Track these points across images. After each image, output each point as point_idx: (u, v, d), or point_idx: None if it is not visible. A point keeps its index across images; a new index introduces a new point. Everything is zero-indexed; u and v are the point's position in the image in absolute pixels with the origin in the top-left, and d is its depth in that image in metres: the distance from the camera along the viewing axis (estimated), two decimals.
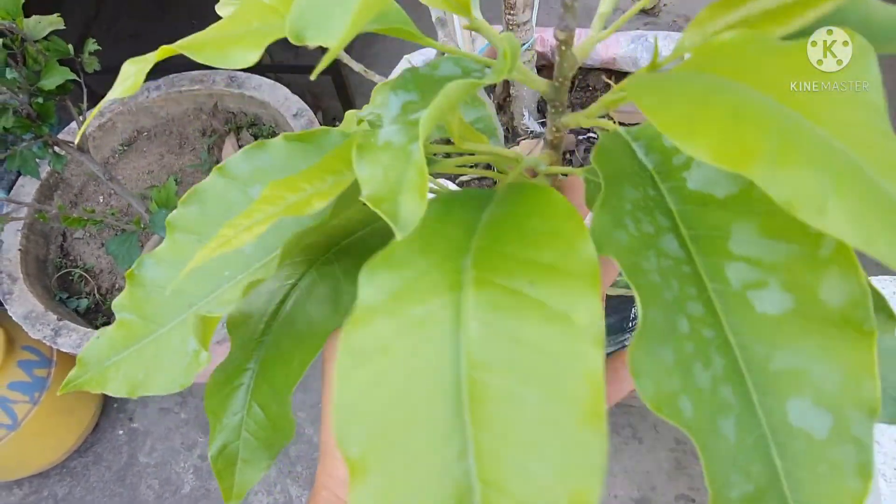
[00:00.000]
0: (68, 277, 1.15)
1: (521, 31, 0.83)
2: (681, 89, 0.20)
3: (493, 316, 0.20)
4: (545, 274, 0.20)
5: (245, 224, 0.23)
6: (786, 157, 0.17)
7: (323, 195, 0.24)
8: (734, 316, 0.22)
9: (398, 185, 0.21)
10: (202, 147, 1.24)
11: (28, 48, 0.86)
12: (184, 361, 0.30)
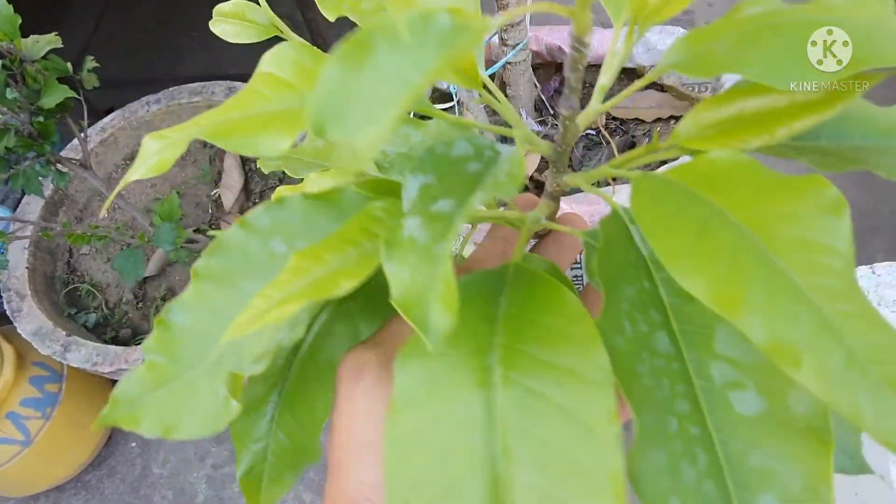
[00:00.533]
0: (76, 293, 1.16)
1: (515, 31, 0.83)
2: (681, 221, 0.22)
3: (523, 419, 0.23)
4: (565, 378, 0.23)
5: (276, 296, 0.25)
6: (769, 309, 0.19)
7: (349, 274, 0.25)
8: (717, 414, 0.25)
9: (426, 292, 0.23)
10: (204, 159, 1.24)
11: (27, 68, 0.87)
12: (215, 407, 0.31)
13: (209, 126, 0.27)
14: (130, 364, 0.97)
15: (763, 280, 0.19)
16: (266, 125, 0.27)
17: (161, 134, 0.28)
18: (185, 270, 1.16)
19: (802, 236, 0.21)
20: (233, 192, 1.19)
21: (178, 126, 0.28)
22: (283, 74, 0.30)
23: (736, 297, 0.19)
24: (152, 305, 1.12)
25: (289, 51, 0.30)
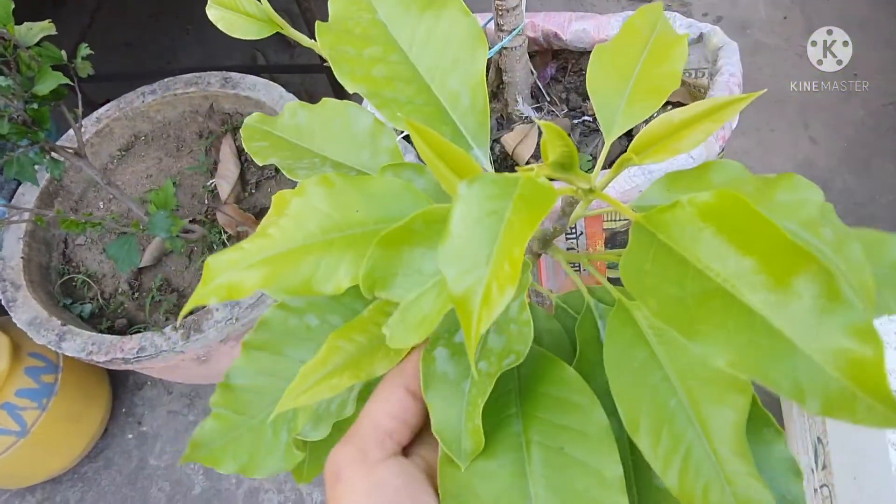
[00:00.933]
0: (71, 283, 1.15)
1: (511, 17, 0.83)
2: (629, 362, 0.32)
3: (549, 470, 0.31)
4: (576, 436, 0.31)
5: (320, 371, 0.31)
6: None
7: (387, 357, 0.32)
8: (642, 483, 0.34)
9: (458, 426, 0.31)
10: (200, 149, 1.24)
11: (21, 54, 0.86)
12: (280, 450, 0.38)
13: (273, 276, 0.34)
14: (126, 353, 0.97)
15: (686, 445, 0.30)
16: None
17: (232, 254, 0.33)
18: (180, 261, 1.16)
19: (714, 413, 0.30)
20: (229, 182, 1.18)
21: (232, 253, 0.33)
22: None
23: (667, 457, 0.30)
24: (148, 296, 1.12)
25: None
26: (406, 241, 0.30)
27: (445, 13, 0.42)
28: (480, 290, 0.23)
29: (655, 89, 0.38)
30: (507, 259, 0.22)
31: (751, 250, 0.24)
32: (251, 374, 0.40)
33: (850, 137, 1.42)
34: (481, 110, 0.39)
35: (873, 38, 1.54)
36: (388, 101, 0.40)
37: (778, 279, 0.23)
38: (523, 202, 0.24)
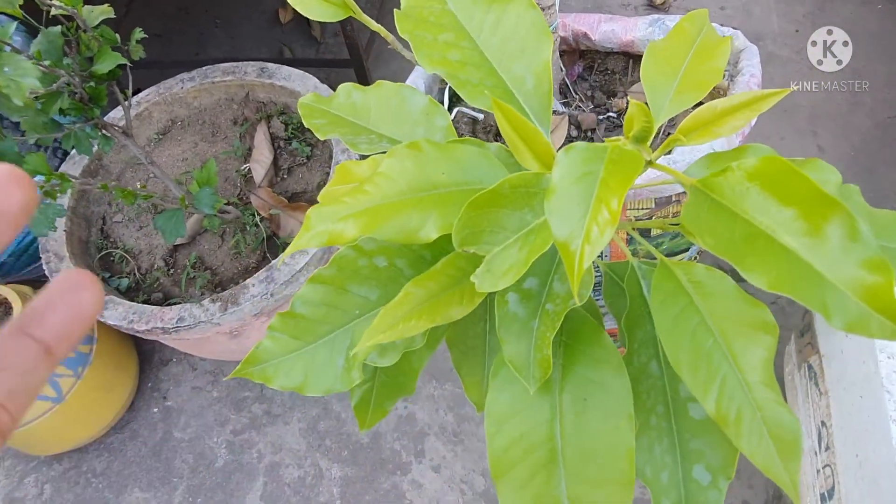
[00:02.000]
0: (109, 258, 1.20)
1: (546, 15, 0.88)
2: (681, 321, 0.37)
3: (574, 413, 0.39)
4: (602, 390, 0.39)
5: (399, 314, 0.37)
6: (720, 393, 0.36)
7: (458, 303, 0.39)
8: (678, 415, 0.41)
9: (528, 356, 0.38)
10: (234, 135, 1.29)
11: (82, 35, 0.91)
12: (335, 373, 0.43)
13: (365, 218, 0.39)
14: (166, 322, 1.02)
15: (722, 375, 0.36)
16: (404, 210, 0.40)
17: (328, 208, 0.39)
18: (213, 240, 1.21)
19: (746, 350, 0.36)
20: (263, 167, 1.23)
21: (330, 206, 0.39)
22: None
23: (705, 386, 0.36)
24: (183, 272, 1.17)
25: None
26: (493, 204, 0.35)
27: (512, 6, 0.47)
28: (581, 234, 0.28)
29: (700, 83, 0.43)
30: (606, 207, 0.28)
31: (790, 202, 0.29)
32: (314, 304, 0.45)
33: (857, 146, 1.47)
34: (545, 93, 0.44)
35: (882, 50, 1.59)
36: (463, 83, 0.45)
37: (813, 225, 0.28)
38: (614, 165, 0.29)
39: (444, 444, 1.23)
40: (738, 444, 0.36)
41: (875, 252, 0.26)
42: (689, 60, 0.44)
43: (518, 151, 0.40)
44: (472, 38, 0.47)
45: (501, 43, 0.46)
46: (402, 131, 0.56)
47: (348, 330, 0.44)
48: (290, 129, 1.28)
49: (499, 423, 0.39)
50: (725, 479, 0.40)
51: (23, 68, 0.61)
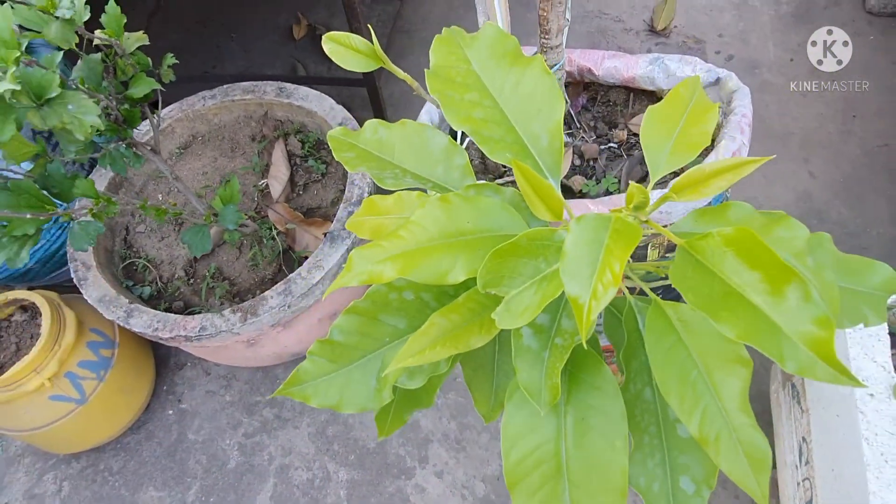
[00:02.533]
0: (132, 267, 1.26)
1: (554, 53, 0.94)
2: (671, 357, 0.44)
3: (577, 434, 0.46)
4: (601, 414, 0.46)
5: (425, 341, 0.44)
6: (703, 417, 0.43)
7: (478, 333, 0.46)
8: (668, 434, 0.49)
9: (539, 383, 0.45)
10: (253, 151, 1.35)
11: (119, 61, 0.98)
12: (368, 393, 0.51)
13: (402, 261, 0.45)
14: (189, 331, 1.08)
15: (704, 402, 0.42)
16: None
17: (369, 251, 0.45)
18: (231, 252, 1.27)
19: (724, 381, 0.42)
20: (280, 183, 1.30)
21: (376, 249, 0.45)
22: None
23: (690, 411, 0.42)
24: (203, 282, 1.23)
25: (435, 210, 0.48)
26: (513, 254, 0.41)
27: (530, 71, 0.53)
28: (589, 292, 0.34)
29: (692, 144, 0.50)
30: (610, 270, 0.34)
31: (757, 268, 0.35)
32: (349, 332, 0.52)
33: (847, 173, 1.54)
34: (557, 150, 0.51)
35: (872, 81, 1.66)
36: (486, 139, 0.51)
37: (775, 287, 0.35)
38: (617, 234, 0.36)
39: (447, 450, 1.29)
40: (717, 461, 0.42)
41: (823, 311, 0.32)
42: (682, 124, 0.50)
43: (532, 203, 0.46)
44: (493, 97, 0.54)
45: (520, 103, 0.53)
46: (424, 168, 0.62)
47: (380, 355, 0.51)
48: (306, 146, 1.34)
49: (513, 440, 0.46)
50: (708, 489, 0.46)
51: (85, 106, 0.67)
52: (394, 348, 0.51)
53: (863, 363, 0.81)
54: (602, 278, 0.34)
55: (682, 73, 0.99)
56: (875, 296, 0.51)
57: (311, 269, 1.11)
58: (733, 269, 0.35)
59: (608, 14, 1.91)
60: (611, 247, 0.35)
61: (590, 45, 1.86)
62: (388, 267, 0.44)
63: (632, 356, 0.48)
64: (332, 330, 0.52)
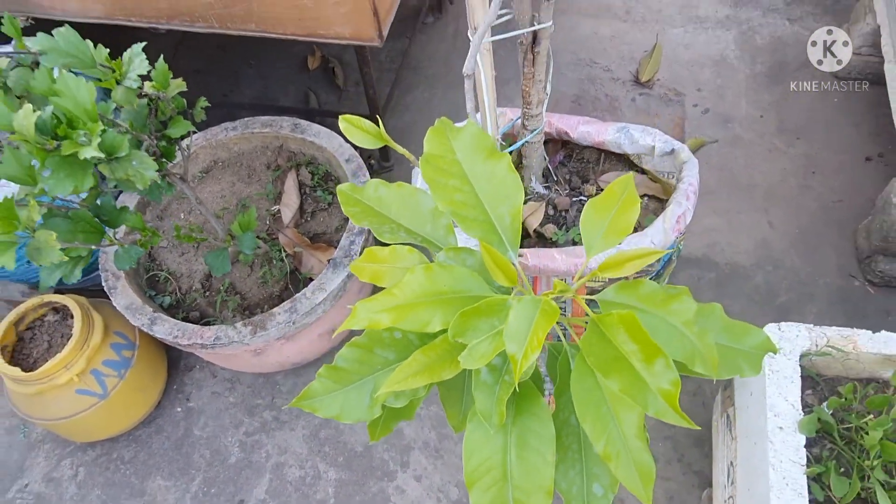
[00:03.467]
0: (155, 279, 1.41)
1: (534, 120, 1.11)
2: (591, 395, 0.59)
3: (518, 448, 0.63)
4: (536, 435, 0.63)
5: (408, 372, 0.59)
6: (608, 442, 0.60)
7: (448, 369, 0.60)
8: (586, 451, 0.65)
9: (492, 409, 0.60)
10: (268, 179, 1.51)
11: (161, 104, 1.13)
12: (363, 408, 0.66)
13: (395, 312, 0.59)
14: (205, 340, 1.23)
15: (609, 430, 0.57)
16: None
17: (369, 304, 0.59)
18: (244, 269, 1.42)
19: (625, 415, 0.57)
20: (291, 210, 1.45)
21: (375, 302, 0.59)
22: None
23: (599, 435, 0.56)
24: (217, 295, 1.38)
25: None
26: (476, 314, 0.56)
27: (500, 164, 0.69)
28: (522, 352, 0.50)
29: (620, 231, 0.65)
30: (536, 338, 0.49)
31: (637, 343, 0.51)
32: (350, 360, 0.67)
33: (803, 226, 1.70)
34: (517, 229, 0.66)
35: (833, 141, 1.83)
36: (463, 218, 0.67)
37: (647, 357, 0.50)
38: (543, 313, 0.51)
39: (427, 457, 1.44)
40: (617, 473, 0.57)
41: (675, 375, 0.48)
42: (612, 215, 0.66)
43: (494, 273, 0.62)
44: (471, 184, 0.69)
45: (491, 190, 0.68)
46: (416, 225, 0.78)
47: (373, 379, 0.66)
48: (315, 178, 1.50)
49: (471, 451, 0.61)
50: (612, 493, 0.61)
51: (146, 163, 0.82)
52: (385, 374, 0.66)
53: (776, 400, 0.96)
54: (532, 343, 0.49)
55: (644, 141, 1.15)
56: (752, 354, 0.66)
57: (315, 291, 1.27)
58: (622, 340, 0.51)
59: (598, 63, 2.08)
60: (538, 321, 0.51)
61: (579, 90, 2.03)
62: (384, 316, 0.59)
63: (562, 391, 0.63)
64: (336, 358, 0.67)
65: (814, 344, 1.02)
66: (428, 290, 0.60)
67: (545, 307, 0.52)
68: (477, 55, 0.91)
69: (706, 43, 2.08)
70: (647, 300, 0.60)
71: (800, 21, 2.10)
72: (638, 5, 2.21)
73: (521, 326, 0.51)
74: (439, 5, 2.22)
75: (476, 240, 0.66)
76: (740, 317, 1.57)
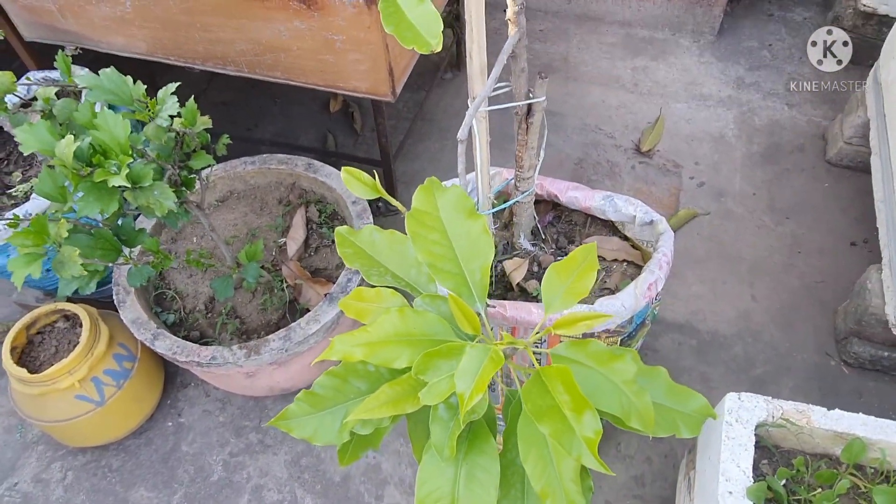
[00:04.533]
0: (162, 296, 1.50)
1: (526, 183, 1.19)
2: (534, 435, 0.66)
3: (467, 480, 0.70)
4: (483, 471, 0.71)
5: (375, 403, 0.66)
6: (544, 479, 0.67)
7: (410, 403, 0.67)
8: (527, 489, 0.72)
9: (444, 443, 0.67)
10: (278, 213, 1.61)
11: (186, 138, 1.24)
12: (334, 432, 0.73)
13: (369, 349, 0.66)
14: (202, 358, 1.30)
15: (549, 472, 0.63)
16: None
17: (346, 338, 0.67)
18: (246, 295, 1.50)
19: (563, 461, 0.64)
20: (296, 243, 1.54)
21: (351, 337, 0.67)
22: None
23: (539, 476, 0.63)
24: (219, 317, 1.46)
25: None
26: (437, 356, 0.64)
27: (476, 225, 0.77)
28: (469, 392, 0.57)
29: (577, 293, 0.73)
30: (482, 381, 0.57)
31: (569, 394, 0.58)
32: (326, 387, 0.75)
33: (784, 301, 1.76)
34: (485, 284, 0.74)
35: (820, 223, 1.90)
36: (439, 270, 0.75)
37: (576, 408, 0.57)
38: (490, 360, 0.59)
39: (401, 493, 1.49)
40: None
41: (598, 426, 0.55)
42: (572, 280, 0.74)
43: (460, 321, 0.69)
44: (450, 240, 0.77)
45: (467, 247, 0.77)
46: (402, 270, 0.86)
47: (345, 406, 0.73)
48: (323, 215, 1.59)
49: (424, 480, 0.68)
50: None
51: (166, 194, 0.92)
52: (356, 403, 0.73)
53: (729, 465, 1.02)
54: (478, 385, 0.57)
55: (627, 210, 1.23)
56: (692, 416, 0.73)
57: (310, 322, 1.34)
58: (558, 391, 0.58)
59: (603, 130, 2.19)
60: (486, 367, 0.58)
61: (583, 154, 2.13)
62: (358, 350, 0.67)
63: (511, 433, 0.70)
64: (314, 384, 0.75)
65: (770, 415, 1.08)
66: (400, 331, 0.68)
67: (493, 355, 0.60)
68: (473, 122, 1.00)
69: (707, 119, 2.19)
70: (594, 358, 0.67)
71: (798, 107, 2.20)
72: (646, 79, 2.33)
73: (471, 369, 0.58)
74: (458, 63, 2.36)
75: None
76: (717, 384, 1.63)
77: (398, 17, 0.57)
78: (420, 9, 0.58)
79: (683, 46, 2.42)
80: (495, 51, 0.92)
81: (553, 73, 2.36)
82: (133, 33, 1.50)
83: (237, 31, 1.40)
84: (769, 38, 2.42)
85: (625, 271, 1.24)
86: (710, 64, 2.36)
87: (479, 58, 0.98)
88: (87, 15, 1.50)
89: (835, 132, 2.03)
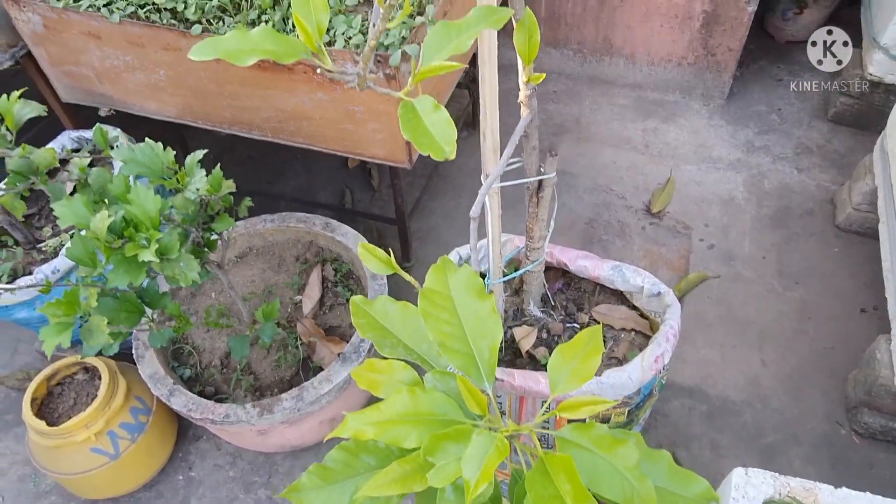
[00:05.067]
0: (180, 351, 1.54)
1: (536, 252, 1.23)
2: (545, 491, 0.66)
3: None
4: None
5: (384, 480, 0.68)
6: None
7: (420, 482, 0.68)
8: None
9: None
10: (295, 270, 1.65)
11: (211, 202, 1.29)
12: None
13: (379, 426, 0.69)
14: (216, 416, 1.33)
15: None
16: None
17: (358, 416, 0.69)
18: (260, 352, 1.54)
19: None
20: (311, 301, 1.58)
21: (363, 416, 0.70)
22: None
23: None
24: (234, 373, 1.49)
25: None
26: (446, 438, 0.67)
27: (485, 304, 0.81)
28: (475, 479, 0.60)
29: (581, 377, 0.76)
30: (488, 468, 0.59)
31: (570, 483, 0.60)
32: (337, 461, 0.77)
33: (794, 367, 1.76)
34: (493, 364, 0.77)
35: (830, 289, 1.92)
36: (448, 349, 0.78)
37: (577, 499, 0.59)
38: (496, 448, 0.61)
39: None
40: None
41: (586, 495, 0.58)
42: (578, 360, 0.77)
43: (468, 401, 0.72)
44: (459, 318, 0.81)
45: (476, 326, 0.80)
46: (414, 342, 0.89)
47: (355, 481, 0.75)
48: (338, 274, 1.64)
49: None
50: None
51: (192, 266, 0.97)
52: (365, 478, 0.76)
53: None
54: (484, 474, 0.59)
55: (635, 281, 1.26)
56: (695, 501, 0.75)
57: (322, 381, 1.37)
58: (561, 480, 0.60)
59: (614, 191, 2.24)
60: (491, 456, 0.61)
61: (594, 214, 2.17)
62: (370, 429, 0.70)
63: None
64: (326, 458, 0.77)
65: (777, 492, 1.08)
66: (410, 411, 0.71)
67: (499, 444, 0.62)
68: (486, 198, 1.05)
69: (717, 182, 2.23)
70: (597, 442, 0.69)
71: (807, 171, 2.24)
72: (656, 140, 2.38)
73: (478, 455, 0.61)
74: (474, 122, 2.43)
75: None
76: (727, 452, 1.62)
77: (415, 124, 0.62)
78: (436, 115, 0.62)
79: (693, 109, 2.48)
80: (508, 112, 0.96)
81: (565, 133, 2.43)
82: (165, 99, 1.58)
83: (263, 100, 1.47)
84: (778, 102, 2.48)
85: (633, 341, 1.26)
86: (720, 127, 2.41)
87: (493, 138, 1.03)
88: (122, 81, 1.58)
89: (843, 198, 2.05)
